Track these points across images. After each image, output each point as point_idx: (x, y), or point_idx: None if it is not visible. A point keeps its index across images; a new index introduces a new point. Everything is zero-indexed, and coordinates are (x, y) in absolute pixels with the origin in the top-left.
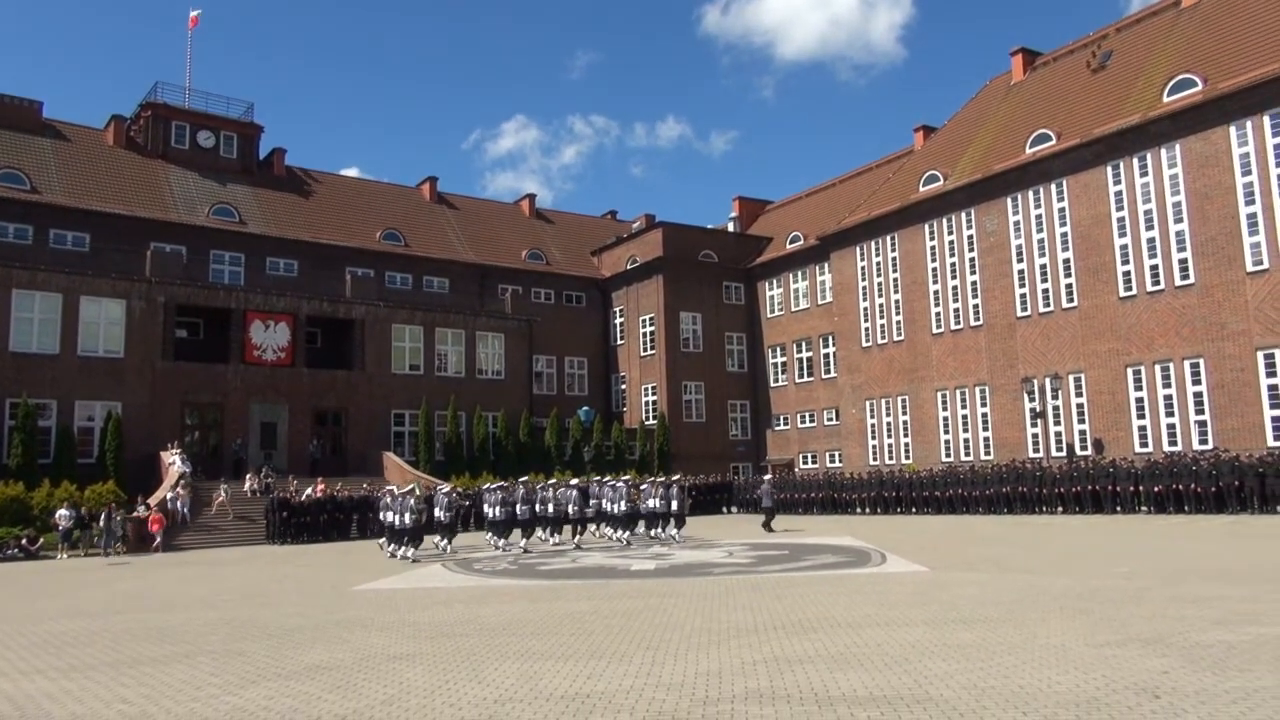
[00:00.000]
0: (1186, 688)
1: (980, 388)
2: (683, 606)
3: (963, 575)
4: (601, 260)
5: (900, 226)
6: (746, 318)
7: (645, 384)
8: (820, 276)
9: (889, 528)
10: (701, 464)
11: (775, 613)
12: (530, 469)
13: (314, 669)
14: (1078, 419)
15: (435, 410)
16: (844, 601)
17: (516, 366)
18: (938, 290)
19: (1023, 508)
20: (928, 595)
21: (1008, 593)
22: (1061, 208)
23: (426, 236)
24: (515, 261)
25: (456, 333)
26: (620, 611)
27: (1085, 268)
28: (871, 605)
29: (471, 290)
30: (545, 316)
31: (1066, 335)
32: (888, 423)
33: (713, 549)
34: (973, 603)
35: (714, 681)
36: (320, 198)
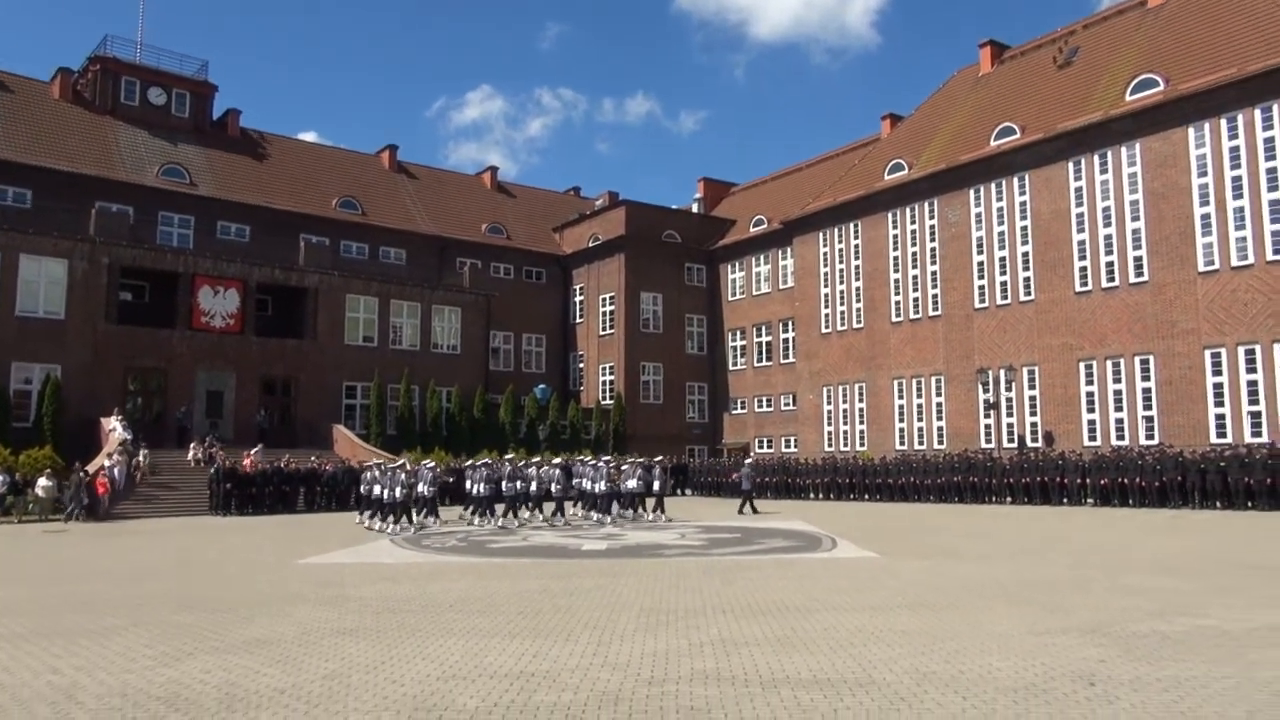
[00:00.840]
0: (1121, 676)
1: (936, 377)
2: (632, 587)
3: (912, 562)
4: (563, 237)
5: (864, 214)
6: (707, 300)
7: (603, 363)
8: (782, 261)
9: (841, 513)
10: (658, 445)
11: (725, 595)
12: (484, 446)
13: (254, 643)
14: (1030, 411)
15: (388, 383)
16: (794, 585)
17: (473, 341)
18: (898, 279)
19: (973, 497)
20: (877, 581)
21: (955, 580)
22: (1023, 201)
23: (384, 206)
24: (475, 235)
25: (412, 305)
26: (569, 591)
27: (1043, 262)
28: (821, 590)
29: (429, 262)
30: (504, 292)
31: (1022, 328)
32: (844, 409)
33: (665, 530)
34: (920, 589)
35: (661, 662)
36: (275, 162)
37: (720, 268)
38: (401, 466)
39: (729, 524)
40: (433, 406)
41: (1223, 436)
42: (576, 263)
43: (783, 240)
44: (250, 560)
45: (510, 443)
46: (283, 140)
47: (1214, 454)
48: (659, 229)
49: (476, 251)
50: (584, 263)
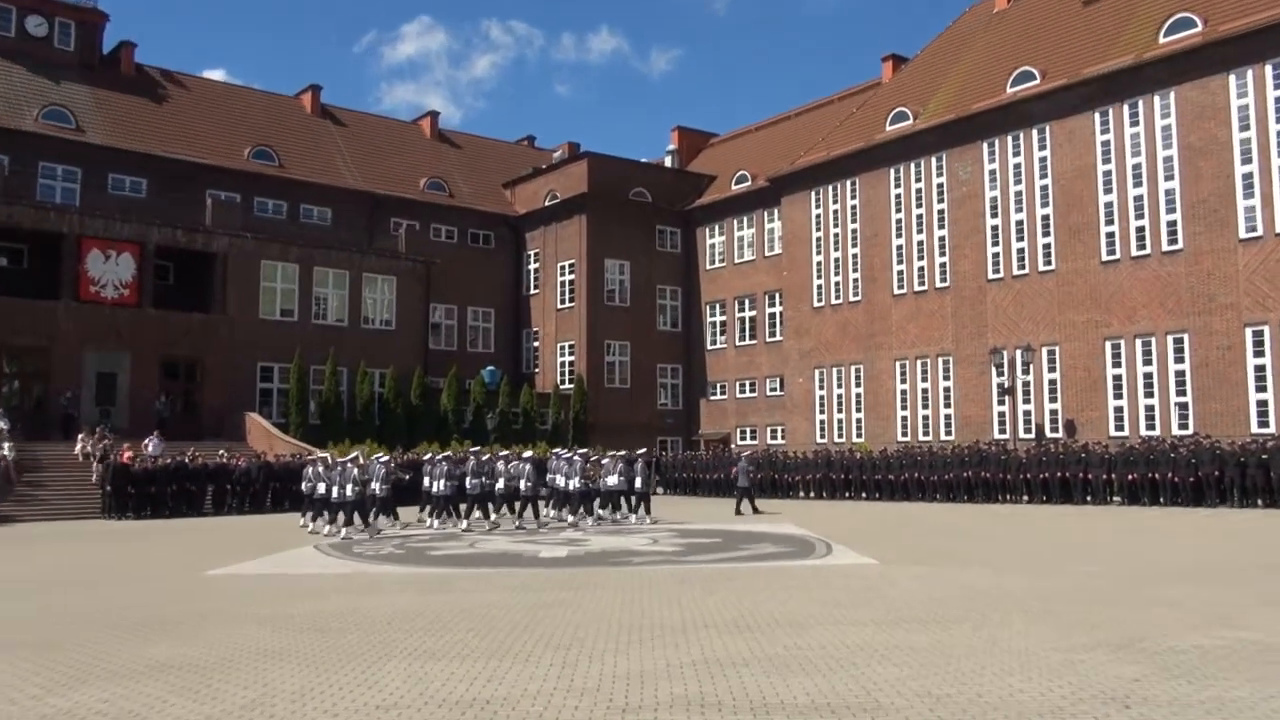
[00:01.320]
0: (1159, 697)
1: (944, 358)
2: (599, 600)
3: (917, 569)
4: (515, 194)
5: (862, 170)
6: (682, 268)
7: (562, 342)
8: (769, 224)
9: (836, 514)
10: (624, 437)
11: (706, 609)
12: (424, 437)
13: (160, 667)
14: (1049, 397)
15: (311, 365)
16: (784, 597)
17: (410, 316)
18: (901, 245)
19: (985, 495)
20: (878, 591)
21: (967, 590)
22: (1043, 157)
23: (306, 157)
24: (412, 191)
25: (339, 273)
26: (526, 605)
27: (1065, 227)
28: (815, 602)
29: (359, 223)
30: (446, 258)
31: (1041, 302)
32: (838, 395)
33: (634, 535)
34: (928, 600)
35: (635, 686)
36: (177, 104)
37: (697, 231)
38: (353, 460)
39: (708, 526)
40: (363, 391)
41: (1265, 426)
42: (531, 224)
43: (769, 200)
44: (152, 570)
45: (453, 434)
46: (185, 79)
47: (1255, 445)
48: (626, 186)
49: (414, 211)
50: (539, 224)
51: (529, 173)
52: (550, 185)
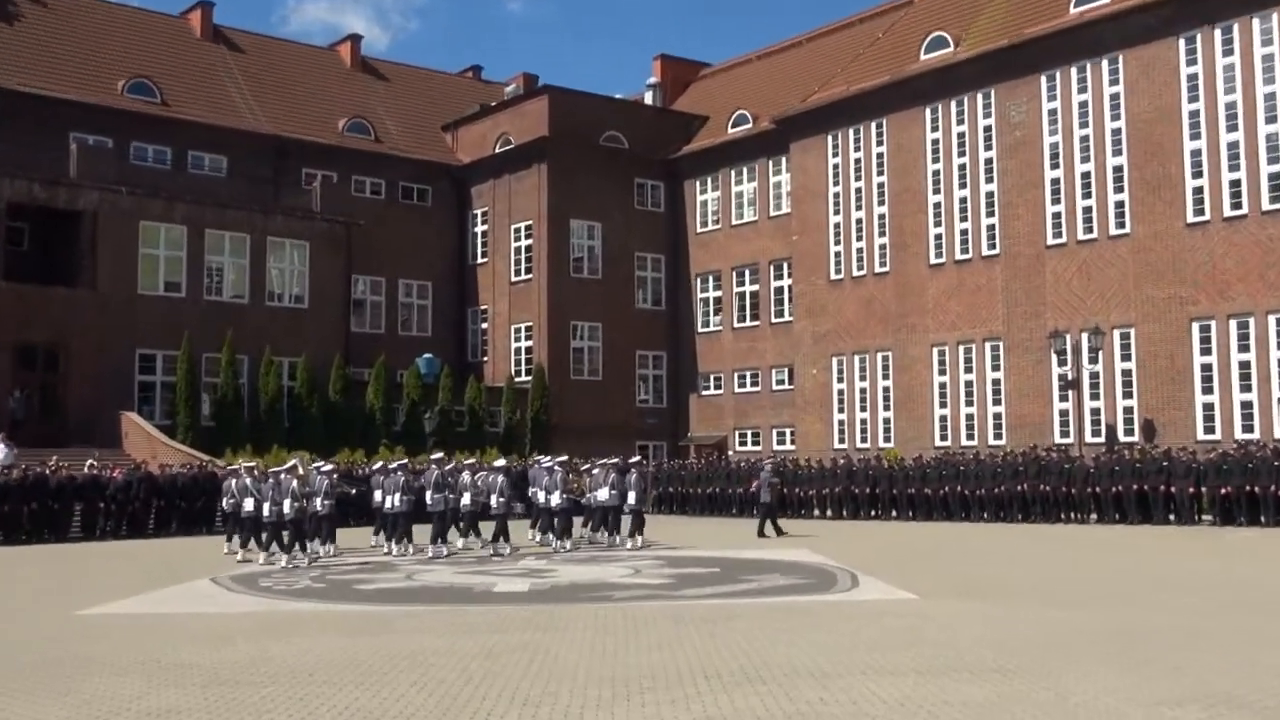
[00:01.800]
0: None
1: (992, 343)
2: (572, 645)
3: (965, 605)
4: (458, 139)
5: (890, 109)
6: (667, 232)
7: (517, 323)
8: (775, 176)
9: (860, 537)
10: (595, 441)
11: (706, 655)
12: (343, 443)
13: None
14: (1123, 392)
15: (203, 352)
16: (802, 640)
17: (326, 291)
18: (939, 203)
19: (1044, 513)
20: (918, 633)
21: (1027, 631)
22: (1114, 94)
23: (194, 91)
24: (329, 135)
25: (238, 237)
26: (481, 651)
27: (1143, 180)
28: (840, 647)
29: (262, 175)
30: (371, 218)
31: (1113, 274)
32: (861, 389)
33: (612, 563)
34: (980, 644)
35: None
36: (31, 26)
37: (685, 185)
38: (292, 470)
39: (702, 553)
40: (269, 385)
41: None
42: (477, 176)
43: (776, 146)
44: (10, 610)
45: (381, 438)
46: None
47: None
48: (597, 128)
49: (331, 159)
50: (488, 176)
51: (475, 112)
52: (501, 128)
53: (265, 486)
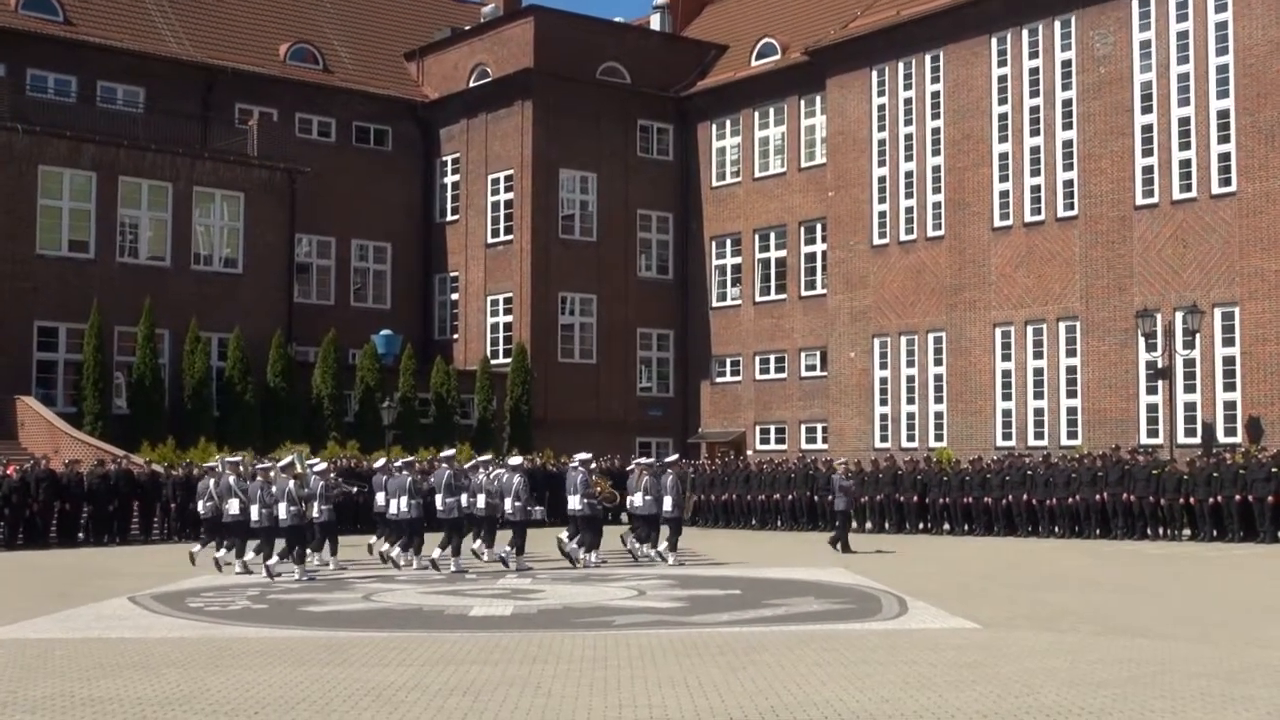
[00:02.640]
0: None
1: (1067, 324)
2: (567, 681)
3: (1038, 637)
4: (424, 69)
5: (949, 39)
6: (677, 185)
7: (493, 294)
8: (807, 119)
9: (908, 554)
10: (587, 437)
11: (728, 694)
12: (287, 436)
13: None
14: (1224, 384)
15: (114, 325)
16: (842, 676)
17: (265, 253)
18: (1006, 154)
19: (1128, 528)
20: (983, 669)
21: (1111, 666)
22: (1220, 21)
23: (106, 9)
24: (268, 63)
25: (157, 187)
26: (459, 687)
27: (1254, 129)
28: (889, 684)
29: (187, 110)
30: (319, 165)
31: (1215, 241)
32: (909, 377)
33: (611, 583)
34: (1057, 682)
35: None
36: None
37: (699, 129)
38: (289, 467)
39: (720, 572)
40: (195, 366)
41: None
42: (448, 116)
43: (808, 83)
44: None
45: (330, 431)
46: None
47: None
48: (593, 59)
49: (270, 93)
50: (460, 116)
51: (445, 37)
52: (477, 56)
53: (252, 487)
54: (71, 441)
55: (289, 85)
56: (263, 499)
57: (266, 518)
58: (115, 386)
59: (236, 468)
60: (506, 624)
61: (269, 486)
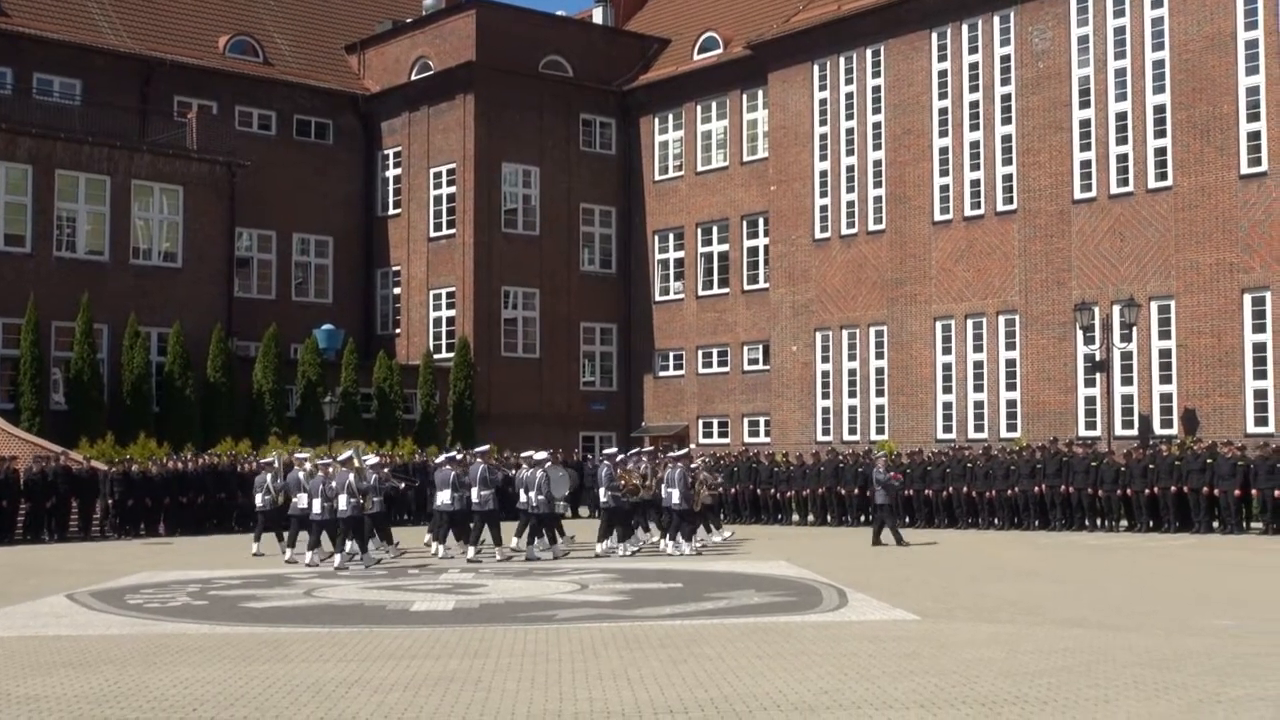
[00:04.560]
0: None
1: (1007, 317)
2: (509, 675)
3: (976, 628)
4: (366, 62)
5: (890, 33)
6: (620, 178)
7: (436, 288)
8: (749, 113)
9: (849, 547)
10: (531, 431)
11: (669, 687)
12: (225, 432)
13: None
14: (1160, 376)
15: (51, 320)
16: (782, 668)
17: (205, 247)
18: (946, 147)
19: (1067, 519)
20: (921, 659)
21: (1050, 656)
22: (1157, 17)
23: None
24: (207, 55)
25: (95, 180)
26: (400, 682)
27: (1188, 124)
28: (829, 675)
29: (125, 104)
30: (259, 158)
31: (1152, 235)
32: (851, 370)
33: (553, 577)
34: (995, 672)
35: None
36: None
37: (642, 123)
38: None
39: (661, 565)
40: (134, 361)
41: None
42: (389, 109)
43: (751, 77)
44: None
45: (272, 426)
46: None
47: None
48: (536, 52)
49: (210, 86)
50: (402, 109)
51: (386, 30)
52: (419, 49)
53: (315, 481)
54: (8, 438)
55: (228, 78)
56: (324, 493)
57: (328, 510)
58: (53, 382)
59: (304, 464)
60: (448, 619)
61: (329, 481)
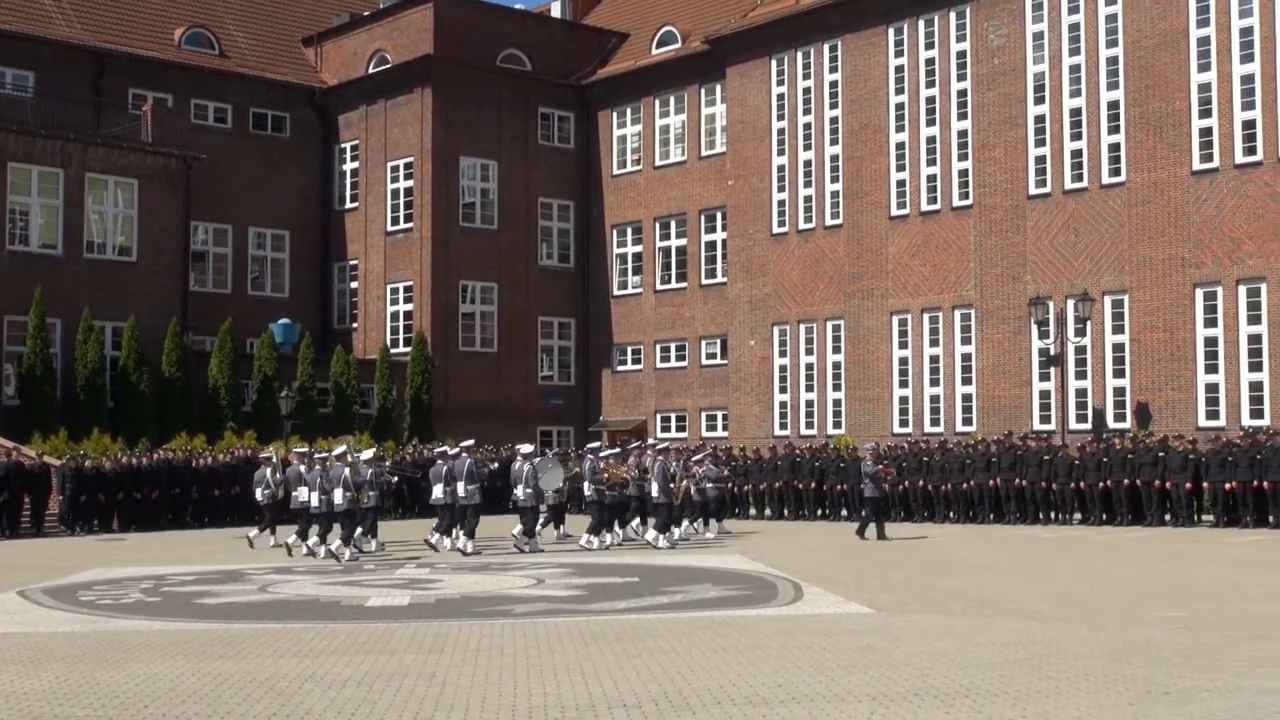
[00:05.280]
0: None
1: (963, 311)
2: (464, 670)
3: (929, 620)
4: (323, 55)
5: (847, 28)
6: (578, 173)
7: (393, 282)
8: (708, 108)
9: (805, 540)
10: (488, 426)
11: (623, 681)
12: (180, 426)
13: None
14: (1114, 370)
15: (4, 314)
16: (737, 662)
17: (160, 241)
18: (903, 143)
19: (1021, 512)
20: (875, 652)
21: (1001, 649)
22: (1111, 14)
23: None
24: (162, 48)
25: (48, 173)
26: (357, 677)
27: (1142, 120)
28: (783, 668)
29: (79, 96)
30: (215, 152)
31: (1106, 230)
32: (808, 365)
33: (509, 572)
34: (947, 664)
35: None
36: None
37: (600, 118)
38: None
39: (617, 560)
40: (88, 356)
41: None
42: (346, 103)
43: (709, 72)
44: None
45: (228, 420)
46: None
47: None
48: (494, 46)
49: (165, 79)
50: (359, 103)
51: (343, 22)
52: (377, 43)
53: (311, 475)
54: None
55: (184, 71)
56: (321, 485)
57: (325, 503)
58: (5, 377)
59: (304, 458)
60: (403, 614)
61: (326, 474)
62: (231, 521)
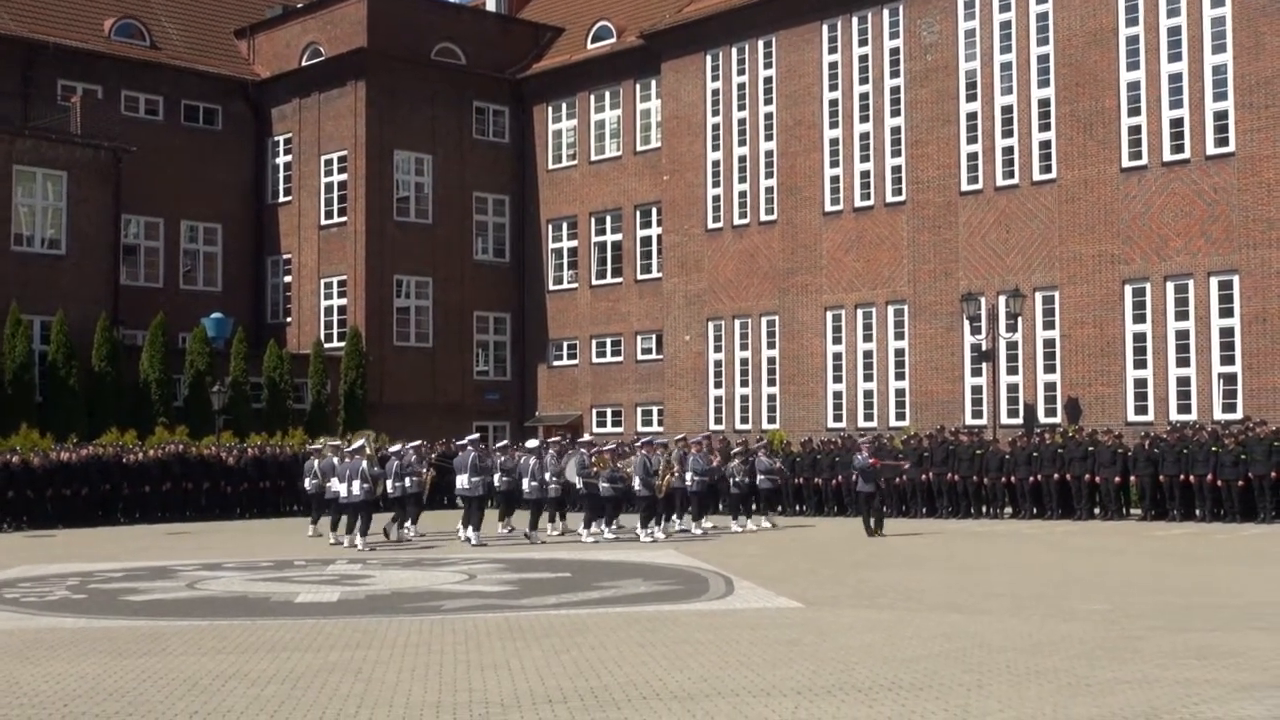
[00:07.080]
0: None
1: (896, 307)
2: (391, 665)
3: (857, 615)
4: (255, 48)
5: (781, 24)
6: (513, 167)
7: (327, 277)
8: (643, 103)
9: (738, 536)
10: (424, 421)
11: (552, 676)
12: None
13: None
14: (1044, 365)
15: None
16: (665, 656)
17: (90, 233)
18: (837, 139)
19: (954, 507)
20: (803, 646)
21: (926, 642)
22: (1041, 12)
23: None
24: (92, 39)
25: None
26: (279, 674)
27: (1072, 117)
28: (711, 662)
29: (6, 88)
30: (146, 144)
31: (1036, 226)
32: (743, 360)
33: (442, 568)
34: (872, 658)
35: None
36: None
37: (535, 112)
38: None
39: (550, 555)
40: (15, 350)
41: None
42: (279, 95)
43: (644, 67)
44: None
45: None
46: None
47: None
48: (428, 39)
49: (95, 70)
50: (293, 95)
51: (276, 14)
52: (310, 35)
53: (341, 466)
54: None
55: (114, 62)
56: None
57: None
58: None
59: (338, 450)
60: (332, 610)
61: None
62: (163, 518)
